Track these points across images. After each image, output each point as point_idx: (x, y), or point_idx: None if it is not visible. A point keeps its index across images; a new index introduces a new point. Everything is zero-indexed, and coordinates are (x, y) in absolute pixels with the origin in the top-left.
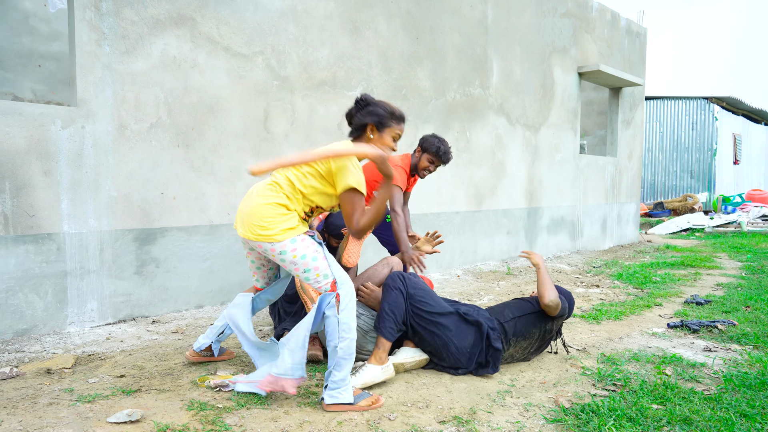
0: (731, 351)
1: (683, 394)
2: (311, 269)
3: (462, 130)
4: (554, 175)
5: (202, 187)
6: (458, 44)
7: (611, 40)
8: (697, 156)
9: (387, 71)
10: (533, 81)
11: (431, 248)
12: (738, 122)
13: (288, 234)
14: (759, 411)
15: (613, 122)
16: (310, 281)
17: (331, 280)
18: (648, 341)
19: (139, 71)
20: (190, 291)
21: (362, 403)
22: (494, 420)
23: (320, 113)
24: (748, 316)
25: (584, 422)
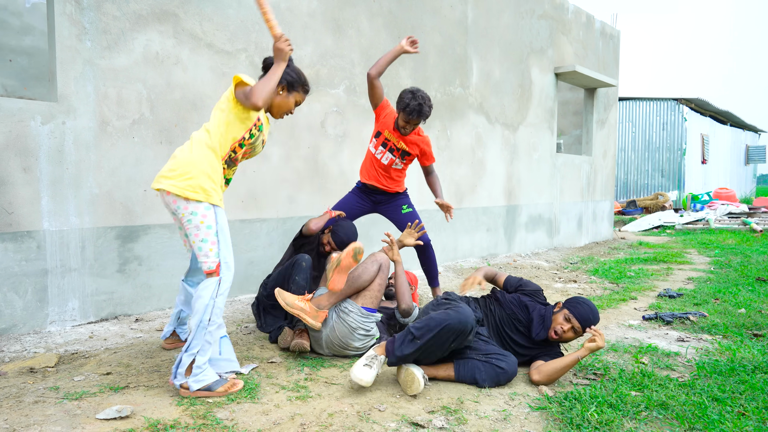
0: (702, 341)
1: (659, 381)
2: (209, 242)
3: (443, 129)
4: (532, 174)
5: None
6: (439, 44)
7: (586, 41)
8: (667, 155)
9: None
10: (512, 81)
11: (414, 240)
12: (705, 123)
13: (205, 196)
14: (729, 395)
15: (588, 122)
16: (201, 252)
17: (218, 261)
18: (625, 333)
19: (121, 67)
20: (174, 289)
21: (220, 388)
22: (481, 409)
23: (303, 111)
24: (717, 308)
25: (567, 409)
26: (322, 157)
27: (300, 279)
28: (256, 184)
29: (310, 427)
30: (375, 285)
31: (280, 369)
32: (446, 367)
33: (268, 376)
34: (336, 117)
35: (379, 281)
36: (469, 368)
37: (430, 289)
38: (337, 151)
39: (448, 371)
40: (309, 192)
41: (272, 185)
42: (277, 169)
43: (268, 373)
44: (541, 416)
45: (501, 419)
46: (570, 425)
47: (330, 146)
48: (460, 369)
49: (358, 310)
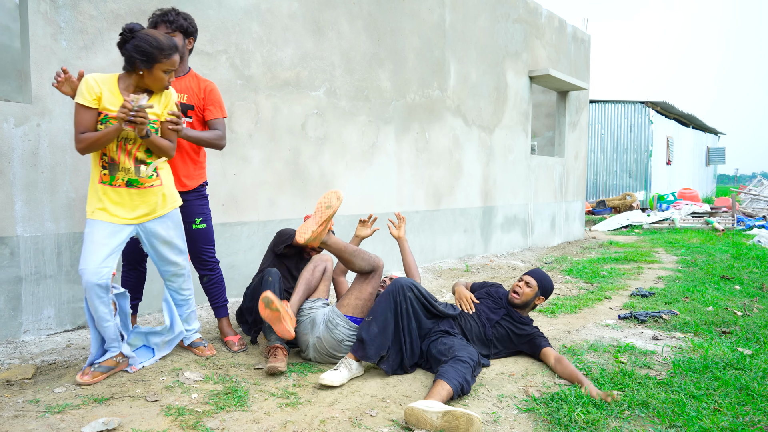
0: (675, 338)
1: (639, 379)
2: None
3: (421, 131)
4: (507, 175)
5: None
6: (418, 47)
7: (559, 45)
8: (634, 157)
9: (349, 72)
10: (488, 84)
11: (370, 231)
12: (670, 125)
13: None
14: (704, 392)
15: (560, 124)
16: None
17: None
18: (603, 332)
19: (98, 67)
20: (157, 292)
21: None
22: (471, 412)
23: (284, 113)
24: (687, 306)
25: (555, 410)
26: (303, 160)
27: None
28: (237, 187)
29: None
30: (365, 293)
31: (266, 376)
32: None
33: (255, 383)
34: (316, 119)
35: (370, 289)
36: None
37: None
38: (317, 153)
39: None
40: (290, 195)
41: (253, 188)
42: (257, 172)
43: (256, 380)
44: (530, 417)
45: (491, 421)
46: (558, 426)
47: (311, 148)
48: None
49: (346, 323)
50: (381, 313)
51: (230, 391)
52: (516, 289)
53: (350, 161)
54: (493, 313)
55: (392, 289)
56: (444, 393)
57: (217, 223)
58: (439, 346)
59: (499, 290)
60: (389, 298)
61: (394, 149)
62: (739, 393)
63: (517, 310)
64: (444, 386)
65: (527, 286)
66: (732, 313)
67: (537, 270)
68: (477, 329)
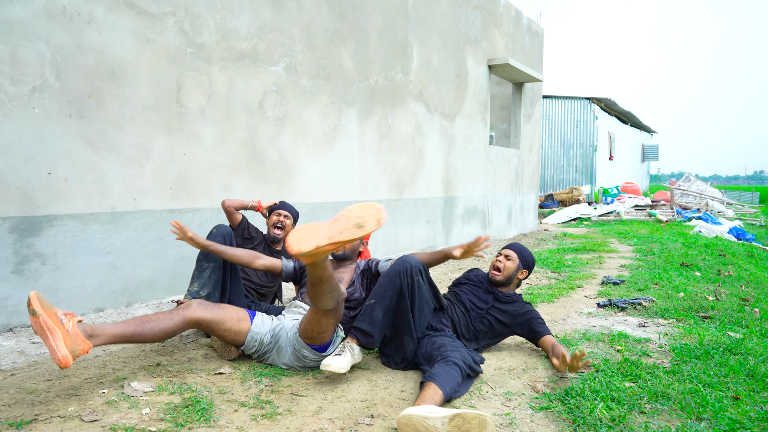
0: (660, 325)
1: (647, 369)
2: None
3: (384, 116)
4: (468, 165)
5: (102, 167)
6: (381, 26)
7: (515, 36)
8: (581, 152)
9: (311, 48)
10: (449, 70)
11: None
12: (612, 122)
13: None
14: (718, 380)
15: (516, 116)
16: None
17: None
18: (588, 321)
19: (15, 20)
20: (87, 292)
21: None
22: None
23: (240, 88)
24: (659, 292)
25: (574, 407)
26: (261, 141)
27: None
28: (187, 168)
29: None
30: (328, 325)
31: (232, 381)
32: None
33: (220, 392)
34: (275, 97)
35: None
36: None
37: None
38: (276, 135)
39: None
40: (246, 179)
41: (205, 170)
42: (210, 153)
43: (220, 388)
44: (547, 417)
45: (506, 424)
46: (583, 425)
47: (269, 129)
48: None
49: (312, 353)
50: (384, 295)
51: (190, 402)
52: (496, 265)
53: (311, 144)
54: (482, 302)
55: (400, 268)
56: (437, 398)
57: (163, 209)
58: (428, 345)
59: (478, 274)
60: (396, 278)
61: (357, 134)
62: (749, 379)
63: (501, 288)
64: (436, 390)
65: (507, 260)
66: (704, 299)
67: (514, 243)
68: (465, 321)
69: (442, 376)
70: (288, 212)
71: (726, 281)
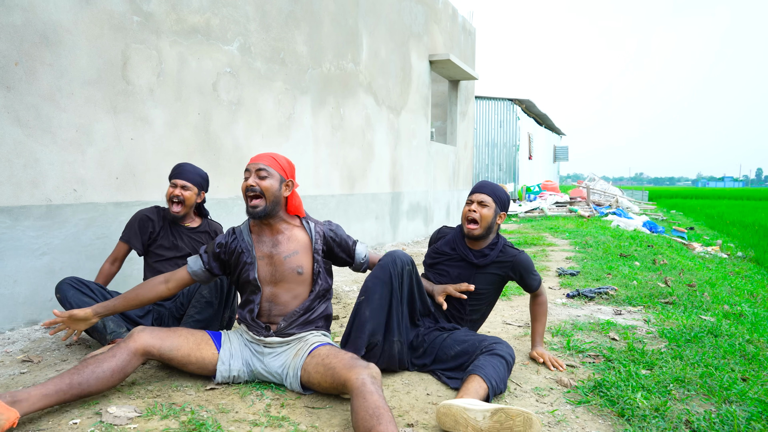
0: (632, 312)
1: (655, 355)
2: None
3: (336, 106)
4: (412, 161)
5: (35, 151)
6: (333, 11)
7: (452, 33)
8: (504, 151)
9: (265, 28)
10: (395, 63)
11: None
12: (531, 123)
13: None
14: (722, 362)
15: (452, 113)
16: None
17: None
18: (568, 312)
19: None
20: (18, 302)
21: None
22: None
23: (192, 67)
24: (615, 282)
25: (616, 398)
26: (215, 127)
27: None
28: (135, 156)
29: None
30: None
31: (230, 397)
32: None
33: (221, 411)
34: (230, 79)
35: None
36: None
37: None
38: (231, 121)
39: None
40: None
41: (155, 158)
42: (161, 139)
43: (219, 406)
44: (590, 411)
45: (555, 423)
46: (633, 417)
47: (223, 114)
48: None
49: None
50: (374, 290)
51: (193, 427)
52: (470, 216)
53: (266, 133)
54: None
55: (388, 260)
56: (481, 391)
57: (108, 203)
58: (455, 343)
59: (449, 239)
60: (384, 271)
61: (311, 124)
62: (744, 360)
63: (481, 243)
64: (480, 383)
65: (483, 207)
66: (656, 286)
67: (483, 183)
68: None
69: (487, 368)
70: (186, 181)
71: (663, 269)
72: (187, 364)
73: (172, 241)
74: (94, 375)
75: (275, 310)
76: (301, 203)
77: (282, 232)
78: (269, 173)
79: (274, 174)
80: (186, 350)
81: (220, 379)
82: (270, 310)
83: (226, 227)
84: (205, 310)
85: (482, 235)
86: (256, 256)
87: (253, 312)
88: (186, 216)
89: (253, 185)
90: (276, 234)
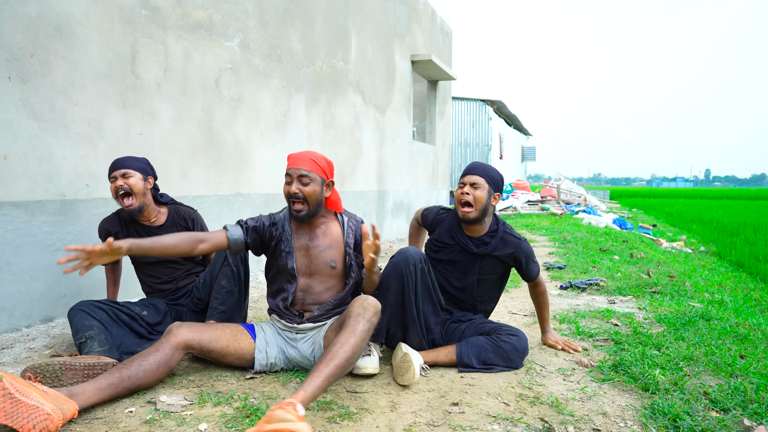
0: (624, 301)
1: (659, 338)
2: None
3: (328, 104)
4: (396, 159)
5: (49, 145)
6: (324, 10)
7: (431, 34)
8: (477, 151)
9: (263, 25)
10: (381, 62)
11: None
12: (501, 123)
13: None
14: (720, 343)
15: (431, 113)
16: None
17: None
18: (567, 301)
19: None
20: (34, 298)
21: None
22: (556, 390)
23: (196, 63)
24: (602, 274)
25: (637, 375)
26: (217, 124)
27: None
28: (143, 151)
29: None
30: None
31: (272, 385)
32: (447, 350)
33: (269, 397)
34: (230, 76)
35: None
36: (472, 347)
37: None
38: (231, 118)
39: (449, 355)
40: (203, 165)
41: (162, 154)
42: (167, 134)
43: (265, 393)
44: (615, 387)
45: (588, 397)
46: (657, 391)
47: (225, 111)
48: (463, 349)
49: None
50: (386, 287)
51: (250, 412)
52: (464, 199)
53: (264, 130)
54: (469, 275)
55: (399, 258)
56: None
57: None
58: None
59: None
60: (396, 269)
61: (305, 121)
62: (738, 340)
63: (476, 227)
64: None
65: (476, 189)
66: (639, 277)
67: (475, 164)
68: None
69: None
70: (127, 168)
71: (642, 262)
72: (226, 355)
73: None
74: (141, 368)
75: (309, 299)
76: (339, 199)
77: (319, 227)
78: (311, 179)
79: (316, 178)
80: (224, 342)
81: (258, 367)
82: (304, 299)
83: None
84: (228, 299)
85: (478, 218)
86: (294, 246)
87: (286, 300)
88: (145, 209)
89: (297, 192)
90: (314, 228)
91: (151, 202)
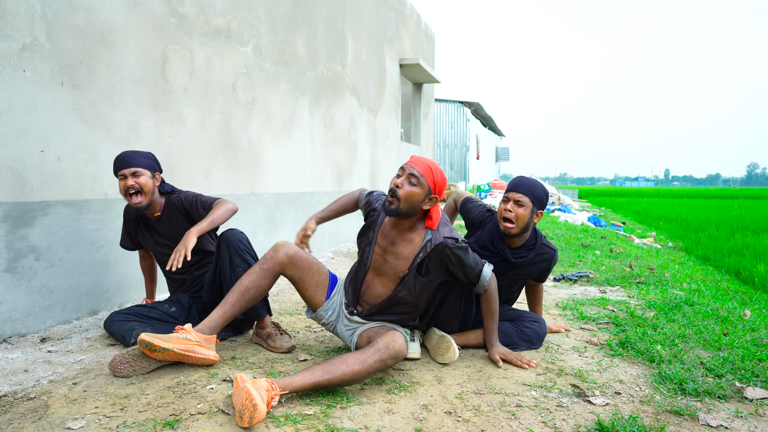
0: (614, 291)
1: (653, 320)
2: None
3: (328, 107)
4: (386, 160)
5: (95, 146)
6: (325, 16)
7: (417, 38)
8: (456, 152)
9: (273, 31)
10: (373, 66)
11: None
12: (477, 125)
13: None
14: (705, 323)
15: (416, 114)
16: None
17: None
18: (564, 292)
19: None
20: (82, 292)
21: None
22: (575, 364)
23: (216, 68)
24: (588, 267)
25: (643, 350)
26: (234, 126)
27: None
28: (172, 152)
29: (463, 412)
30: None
31: (307, 364)
32: (476, 334)
33: None
34: (245, 80)
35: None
36: (499, 331)
37: None
38: (246, 120)
39: (478, 338)
40: (222, 166)
41: (188, 155)
42: (192, 136)
43: None
44: (625, 360)
45: (604, 369)
46: (662, 362)
47: (240, 114)
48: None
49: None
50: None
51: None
52: (506, 215)
53: (274, 132)
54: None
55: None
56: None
57: None
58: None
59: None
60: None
61: (309, 124)
62: (720, 321)
63: (515, 240)
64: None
65: (519, 207)
66: (623, 269)
67: (520, 180)
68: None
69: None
70: (137, 167)
71: (621, 257)
72: (307, 288)
73: (151, 238)
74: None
75: (366, 296)
76: (439, 218)
77: (404, 236)
78: (419, 182)
79: (423, 184)
80: (314, 270)
81: (314, 318)
82: (364, 293)
83: (241, 224)
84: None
85: (518, 234)
86: (377, 241)
87: (356, 285)
88: (151, 205)
89: (398, 187)
90: (399, 234)
91: (157, 198)
